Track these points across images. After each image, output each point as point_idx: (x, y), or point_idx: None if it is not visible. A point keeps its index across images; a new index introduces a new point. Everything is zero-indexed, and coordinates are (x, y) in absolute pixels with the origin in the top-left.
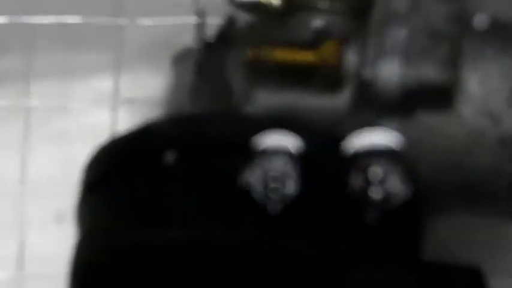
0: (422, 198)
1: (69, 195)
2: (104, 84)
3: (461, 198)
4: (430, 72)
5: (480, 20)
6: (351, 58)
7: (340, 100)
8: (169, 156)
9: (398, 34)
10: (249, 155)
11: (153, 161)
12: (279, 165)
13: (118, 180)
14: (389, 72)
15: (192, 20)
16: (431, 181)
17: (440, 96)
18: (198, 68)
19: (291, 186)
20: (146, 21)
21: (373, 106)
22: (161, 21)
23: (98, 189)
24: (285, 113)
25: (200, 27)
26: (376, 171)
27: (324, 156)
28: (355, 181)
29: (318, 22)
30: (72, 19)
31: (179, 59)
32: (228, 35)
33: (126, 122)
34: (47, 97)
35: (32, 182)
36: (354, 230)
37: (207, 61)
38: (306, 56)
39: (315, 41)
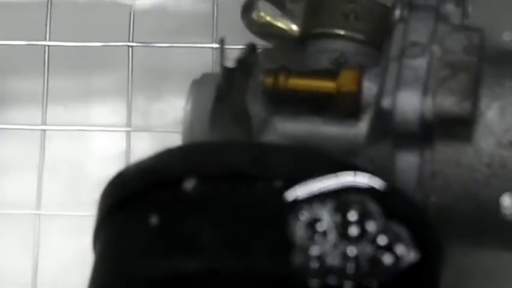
0: (437, 259)
1: (85, 220)
2: (120, 108)
3: (479, 230)
4: (448, 102)
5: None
6: (370, 87)
7: (358, 129)
8: (188, 185)
9: (417, 64)
10: (268, 184)
11: (171, 189)
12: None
13: (135, 207)
14: (408, 102)
15: (211, 45)
16: (449, 212)
17: (459, 127)
18: (218, 94)
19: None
20: (164, 46)
21: (391, 136)
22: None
23: (114, 216)
24: (302, 142)
25: (221, 53)
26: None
27: None
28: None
29: (337, 50)
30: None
31: (199, 84)
32: (248, 62)
33: (143, 147)
34: (63, 120)
35: (47, 205)
36: None
37: (227, 88)
38: (325, 84)
39: (334, 69)
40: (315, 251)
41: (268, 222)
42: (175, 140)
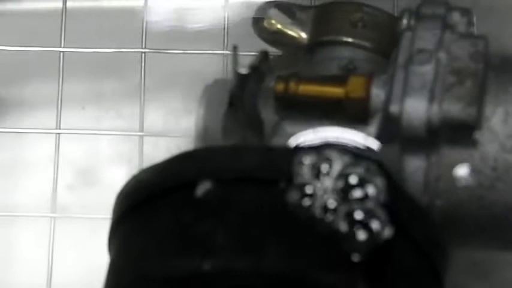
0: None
1: (100, 221)
2: (133, 113)
3: (484, 233)
4: (455, 108)
5: None
6: (378, 93)
7: (367, 134)
8: (202, 188)
9: (424, 71)
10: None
11: (186, 191)
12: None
13: (151, 209)
14: (415, 108)
15: (223, 51)
16: (454, 215)
17: (465, 132)
18: (230, 99)
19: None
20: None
21: (398, 140)
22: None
23: (130, 218)
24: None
25: (233, 59)
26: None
27: None
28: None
29: (345, 57)
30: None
31: (212, 90)
32: (260, 68)
33: (156, 152)
34: (76, 123)
35: (61, 205)
36: None
37: (240, 93)
38: (334, 90)
39: (343, 75)
40: (309, 189)
41: (277, 222)
42: (187, 144)
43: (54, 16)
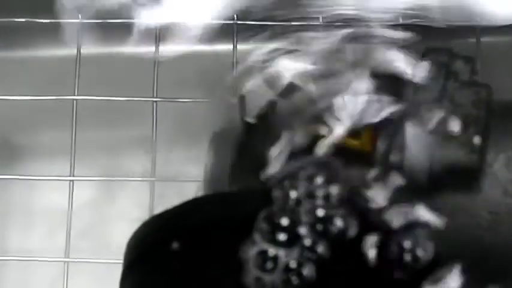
0: None
1: (112, 266)
2: (144, 160)
3: (481, 272)
4: (456, 154)
5: None
6: (382, 146)
7: None
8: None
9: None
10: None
11: (194, 239)
12: None
13: (155, 257)
14: (417, 154)
15: (232, 100)
16: (457, 256)
17: (466, 178)
18: (238, 147)
19: None
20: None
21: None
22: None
23: (137, 266)
24: None
25: (241, 108)
26: None
27: None
28: None
29: None
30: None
31: (219, 137)
32: (268, 117)
33: (167, 198)
34: (90, 171)
35: (75, 252)
36: None
37: (247, 141)
38: (353, 142)
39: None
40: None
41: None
42: (196, 191)
43: (66, 64)
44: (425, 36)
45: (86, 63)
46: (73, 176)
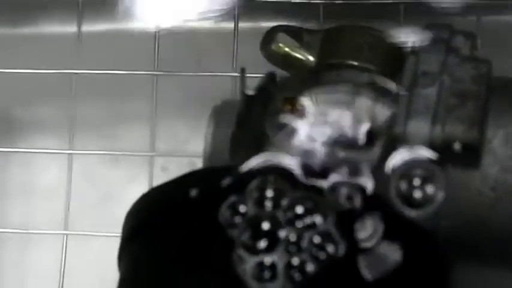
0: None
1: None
2: (144, 134)
3: (486, 252)
4: (457, 130)
5: None
6: (382, 115)
7: (371, 154)
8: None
9: (428, 93)
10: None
11: (191, 211)
12: None
13: (155, 228)
14: (418, 129)
15: (232, 74)
16: (457, 234)
17: (466, 154)
18: (238, 120)
19: None
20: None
21: None
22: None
23: (137, 236)
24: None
25: (241, 81)
26: None
27: None
28: None
29: (351, 79)
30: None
31: (220, 110)
32: (267, 89)
33: (168, 172)
34: (88, 144)
35: (73, 223)
36: None
37: (247, 113)
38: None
39: (349, 98)
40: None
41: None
42: (197, 163)
43: (69, 40)
44: (425, 14)
45: (86, 39)
46: (72, 149)
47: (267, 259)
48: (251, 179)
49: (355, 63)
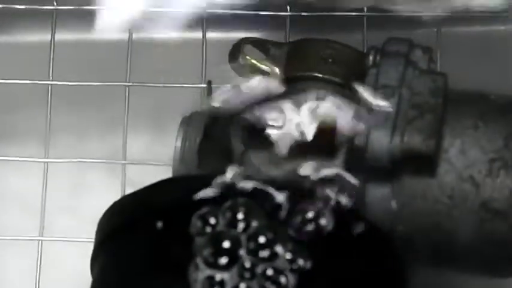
0: None
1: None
2: (115, 143)
3: (441, 256)
4: (415, 140)
5: None
6: (344, 126)
7: (333, 164)
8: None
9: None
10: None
11: (160, 217)
12: None
13: (130, 233)
14: (378, 140)
15: (201, 85)
16: (414, 240)
17: (424, 163)
18: (205, 130)
19: None
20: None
21: (363, 171)
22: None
23: (111, 242)
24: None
25: (208, 93)
26: None
27: None
28: None
29: (316, 91)
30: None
31: (188, 121)
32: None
33: (137, 180)
34: (63, 153)
35: (49, 232)
36: None
37: (214, 124)
38: None
39: None
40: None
41: None
42: (166, 172)
43: (42, 49)
44: (388, 26)
45: (60, 49)
46: (47, 158)
47: (218, 275)
48: (226, 193)
49: (320, 75)
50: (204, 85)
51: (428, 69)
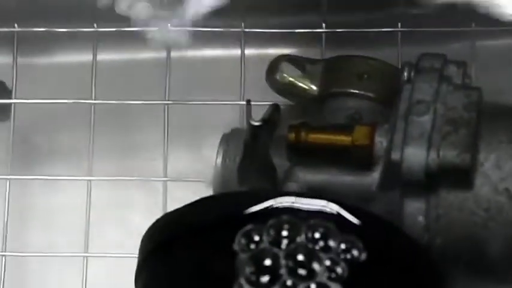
0: None
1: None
2: (156, 161)
3: (478, 267)
4: (450, 155)
5: None
6: (381, 141)
7: (371, 178)
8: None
9: (423, 120)
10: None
11: (199, 236)
12: None
13: (170, 251)
14: (414, 155)
15: (240, 102)
16: (452, 252)
17: (460, 176)
18: (245, 148)
19: None
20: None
21: (400, 185)
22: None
23: (153, 258)
24: (321, 190)
25: (247, 111)
26: None
27: None
28: None
29: (351, 107)
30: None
31: (229, 138)
32: (272, 119)
33: (179, 197)
34: (106, 172)
35: (94, 247)
36: None
37: (253, 142)
38: (341, 138)
39: (349, 124)
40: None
41: None
42: (206, 191)
43: (85, 70)
44: (422, 40)
45: (100, 69)
46: (91, 176)
47: None
48: (270, 213)
49: (356, 91)
50: (243, 102)
51: (463, 84)
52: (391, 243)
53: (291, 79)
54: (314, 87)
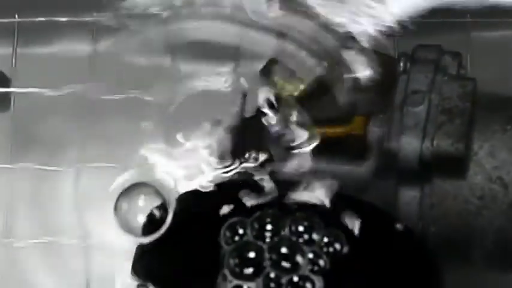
0: None
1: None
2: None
3: (472, 254)
4: (445, 144)
5: None
6: (376, 130)
7: (365, 168)
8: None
9: (418, 110)
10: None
11: (186, 229)
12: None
13: (175, 234)
14: (410, 144)
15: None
16: (446, 239)
17: (454, 165)
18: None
19: None
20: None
21: (394, 174)
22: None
23: (156, 244)
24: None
25: (242, 103)
26: None
27: None
28: None
29: (347, 99)
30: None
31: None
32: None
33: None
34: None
35: (89, 236)
36: None
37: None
38: (336, 130)
39: (345, 115)
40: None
41: None
42: None
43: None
44: (418, 31)
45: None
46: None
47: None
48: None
49: (352, 83)
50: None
51: (458, 75)
52: (375, 236)
53: (281, 81)
54: (297, 91)
